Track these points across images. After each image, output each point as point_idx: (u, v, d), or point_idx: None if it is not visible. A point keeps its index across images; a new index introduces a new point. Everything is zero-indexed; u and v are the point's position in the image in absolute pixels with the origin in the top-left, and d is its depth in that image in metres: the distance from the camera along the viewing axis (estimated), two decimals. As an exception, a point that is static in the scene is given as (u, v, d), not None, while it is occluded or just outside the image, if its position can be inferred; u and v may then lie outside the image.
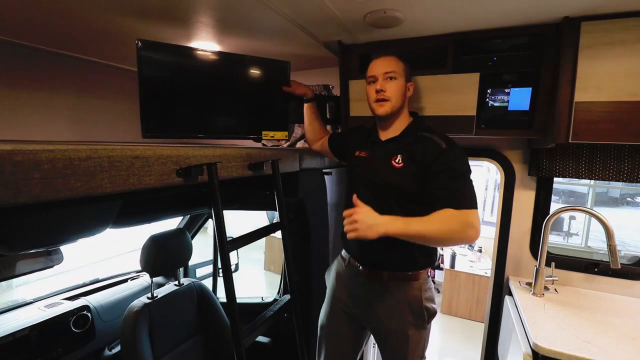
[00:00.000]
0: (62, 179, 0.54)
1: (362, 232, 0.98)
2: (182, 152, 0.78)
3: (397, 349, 1.24)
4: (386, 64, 1.17)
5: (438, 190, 1.07)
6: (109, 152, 0.62)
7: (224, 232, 0.88)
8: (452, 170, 1.07)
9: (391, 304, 1.22)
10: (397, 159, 1.16)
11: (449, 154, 1.09)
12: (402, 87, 1.18)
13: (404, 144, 1.18)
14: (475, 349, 2.53)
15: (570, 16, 1.16)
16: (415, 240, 1.02)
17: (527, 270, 1.65)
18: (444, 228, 1.01)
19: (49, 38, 1.46)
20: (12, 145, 0.50)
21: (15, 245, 0.77)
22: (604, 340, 1.16)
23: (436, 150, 1.09)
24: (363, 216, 0.99)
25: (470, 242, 1.06)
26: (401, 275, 1.21)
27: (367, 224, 0.98)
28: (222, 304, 1.69)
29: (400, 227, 1.00)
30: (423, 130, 1.18)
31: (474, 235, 1.02)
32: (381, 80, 1.17)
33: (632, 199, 10.72)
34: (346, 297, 1.33)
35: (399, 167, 1.15)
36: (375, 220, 0.99)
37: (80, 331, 1.55)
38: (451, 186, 1.06)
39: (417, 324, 1.22)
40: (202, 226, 2.31)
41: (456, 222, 1.02)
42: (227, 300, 0.90)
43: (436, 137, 1.13)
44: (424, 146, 1.12)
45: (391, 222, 1.00)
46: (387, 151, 1.20)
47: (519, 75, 1.31)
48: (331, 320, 1.37)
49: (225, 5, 1.15)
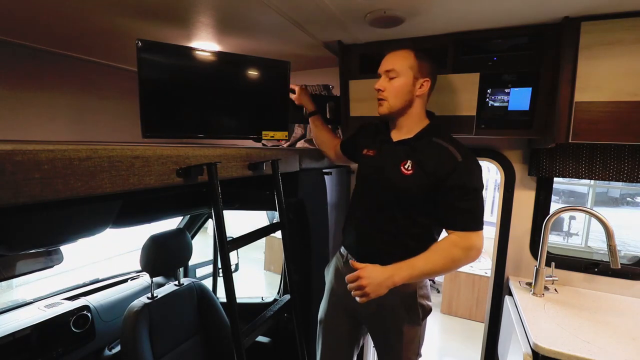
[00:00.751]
0: (62, 179, 0.54)
1: (373, 293, 0.99)
2: (182, 152, 0.78)
3: (391, 345, 1.25)
4: (390, 61, 1.14)
5: (447, 208, 1.07)
6: (109, 152, 0.62)
7: (224, 232, 0.88)
8: (463, 188, 1.04)
9: (386, 301, 1.21)
10: (407, 164, 1.11)
11: (463, 168, 1.05)
12: (403, 86, 1.12)
13: (416, 149, 1.13)
14: (475, 349, 2.52)
15: (570, 16, 1.16)
16: (422, 278, 1.05)
17: (527, 270, 1.65)
18: (447, 260, 1.03)
19: (49, 38, 1.46)
20: (12, 145, 0.50)
21: (15, 245, 0.77)
22: (604, 340, 1.16)
23: (451, 164, 1.05)
24: (369, 279, 1.00)
25: (472, 261, 1.08)
26: None
27: (375, 285, 0.99)
28: (222, 304, 1.69)
29: (406, 275, 1.02)
30: (438, 136, 1.13)
31: (476, 256, 1.06)
32: (382, 79, 1.16)
33: (632, 199, 10.72)
34: (344, 293, 1.31)
35: (408, 173, 1.11)
36: (382, 277, 1.00)
37: (80, 331, 1.55)
38: (461, 206, 1.04)
39: (411, 321, 1.21)
40: (202, 226, 2.31)
41: (458, 248, 1.04)
42: (227, 300, 0.90)
43: (452, 148, 1.08)
44: (438, 156, 1.08)
45: (397, 272, 1.02)
46: (396, 154, 1.16)
47: (519, 75, 1.31)
48: (329, 315, 1.38)
49: (225, 5, 1.15)
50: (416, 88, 1.14)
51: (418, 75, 1.13)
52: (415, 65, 1.12)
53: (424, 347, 1.30)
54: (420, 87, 1.14)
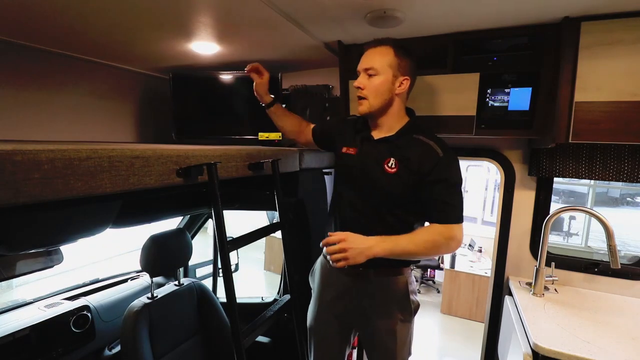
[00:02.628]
0: (62, 179, 0.54)
1: (352, 259, 1.00)
2: (182, 152, 0.78)
3: (385, 346, 1.24)
4: (369, 58, 1.12)
5: (429, 201, 1.10)
6: (109, 152, 0.62)
7: (224, 232, 0.88)
8: (445, 182, 1.08)
9: (379, 301, 1.23)
10: (390, 162, 1.12)
11: (445, 163, 1.08)
12: (383, 84, 1.10)
13: (398, 146, 1.13)
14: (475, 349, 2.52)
15: (570, 16, 1.16)
16: (401, 257, 1.06)
17: (527, 270, 1.65)
18: (430, 244, 1.07)
19: (49, 38, 1.46)
20: (12, 145, 0.49)
21: (15, 245, 0.77)
22: (604, 340, 1.16)
23: (433, 160, 1.08)
24: (351, 244, 1.00)
25: (452, 252, 1.10)
26: (387, 272, 1.22)
27: (356, 251, 1.00)
28: (222, 304, 1.68)
29: (388, 248, 1.04)
30: (419, 133, 1.14)
31: (456, 247, 1.09)
32: (361, 76, 1.14)
33: (632, 199, 10.73)
34: (333, 298, 1.31)
35: (392, 172, 1.11)
36: (363, 245, 1.01)
37: (80, 331, 1.55)
38: (442, 199, 1.08)
39: (404, 319, 1.23)
40: (202, 226, 2.31)
41: (441, 237, 1.07)
42: (227, 300, 0.90)
43: (433, 144, 1.10)
44: (420, 153, 1.10)
45: (379, 243, 1.03)
46: (379, 152, 1.15)
47: (519, 75, 1.31)
48: (319, 322, 1.36)
49: (225, 5, 1.15)
50: (395, 86, 1.12)
51: (397, 73, 1.11)
52: (394, 63, 1.10)
53: (423, 347, 1.31)
54: (399, 85, 1.12)
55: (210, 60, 1.79)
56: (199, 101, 1.88)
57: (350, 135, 1.26)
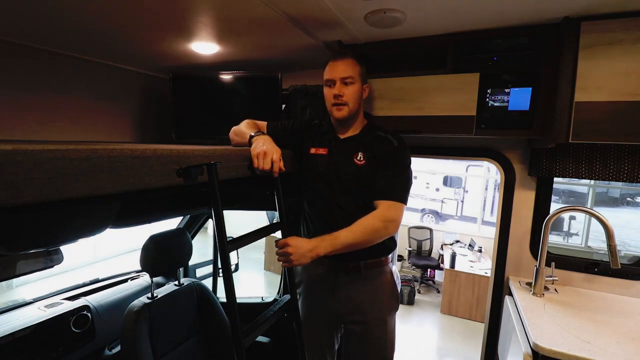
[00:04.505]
0: (62, 179, 0.54)
1: (296, 261, 1.06)
2: (182, 152, 0.78)
3: (376, 338, 1.30)
4: (343, 69, 1.20)
5: (379, 179, 1.19)
6: (109, 152, 0.62)
7: (224, 232, 0.88)
8: (392, 161, 1.20)
9: (371, 292, 1.29)
10: (358, 156, 1.23)
11: (397, 150, 1.22)
12: (358, 91, 1.22)
13: (363, 142, 1.25)
14: (475, 349, 2.52)
15: (570, 16, 1.16)
16: (345, 250, 1.11)
17: (527, 270, 1.65)
18: (368, 230, 1.12)
19: (50, 38, 1.46)
20: (12, 145, 0.49)
21: (15, 245, 0.77)
22: (604, 340, 1.16)
23: (390, 148, 1.22)
24: (295, 248, 1.06)
25: (391, 235, 1.19)
26: (375, 263, 1.28)
27: (299, 254, 1.06)
28: (222, 304, 1.68)
29: (329, 247, 1.09)
30: (379, 129, 1.28)
31: (394, 229, 1.17)
32: (339, 85, 1.21)
33: (632, 199, 10.73)
34: (320, 301, 1.34)
35: (361, 163, 1.23)
36: (306, 247, 1.07)
37: (80, 331, 1.55)
38: (387, 174, 1.18)
39: (394, 307, 1.35)
40: (202, 226, 2.31)
41: (378, 220, 1.13)
42: (227, 300, 0.90)
43: (390, 136, 1.24)
44: (381, 144, 1.23)
45: (320, 243, 1.09)
46: (347, 148, 1.26)
47: (519, 75, 1.31)
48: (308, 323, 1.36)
49: (225, 5, 1.15)
50: (362, 93, 1.26)
51: (364, 80, 1.26)
52: (361, 72, 1.24)
53: (423, 347, 1.32)
54: (364, 91, 1.26)
55: (210, 60, 1.79)
56: (199, 101, 1.88)
57: (317, 137, 1.34)
